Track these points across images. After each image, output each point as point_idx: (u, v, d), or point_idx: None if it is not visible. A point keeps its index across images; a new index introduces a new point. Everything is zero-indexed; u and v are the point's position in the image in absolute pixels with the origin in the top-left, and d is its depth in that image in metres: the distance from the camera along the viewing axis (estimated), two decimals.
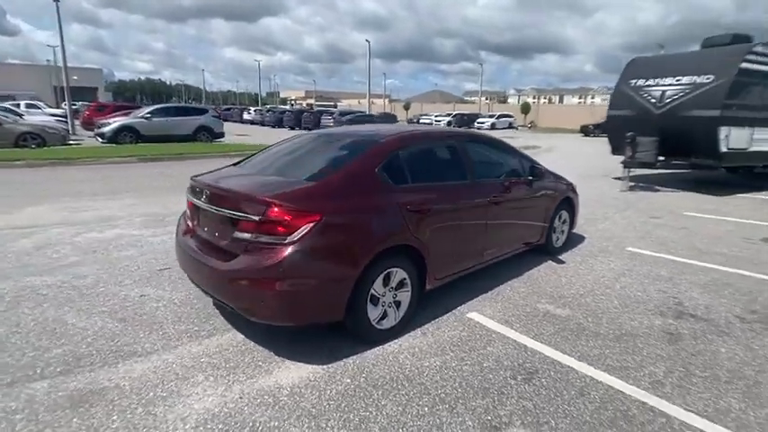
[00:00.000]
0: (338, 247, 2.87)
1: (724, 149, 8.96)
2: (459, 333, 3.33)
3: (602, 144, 13.70)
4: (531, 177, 4.60)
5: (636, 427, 2.32)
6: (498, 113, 46.07)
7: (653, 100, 9.84)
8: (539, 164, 4.84)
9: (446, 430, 2.28)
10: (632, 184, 10.20)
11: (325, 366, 2.86)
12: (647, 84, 10.09)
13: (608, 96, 14.50)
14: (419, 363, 2.92)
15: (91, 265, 4.54)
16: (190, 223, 3.49)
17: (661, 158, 9.91)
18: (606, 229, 6.59)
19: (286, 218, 2.72)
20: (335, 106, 58.99)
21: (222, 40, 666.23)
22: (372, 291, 3.02)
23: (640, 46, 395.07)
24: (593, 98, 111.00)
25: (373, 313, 3.06)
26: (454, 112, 48.22)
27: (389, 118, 37.25)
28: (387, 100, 47.67)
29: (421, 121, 48.17)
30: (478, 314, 3.63)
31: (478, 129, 41.61)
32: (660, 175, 12.00)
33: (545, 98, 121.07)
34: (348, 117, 30.10)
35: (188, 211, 3.56)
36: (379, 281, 3.05)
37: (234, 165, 4.02)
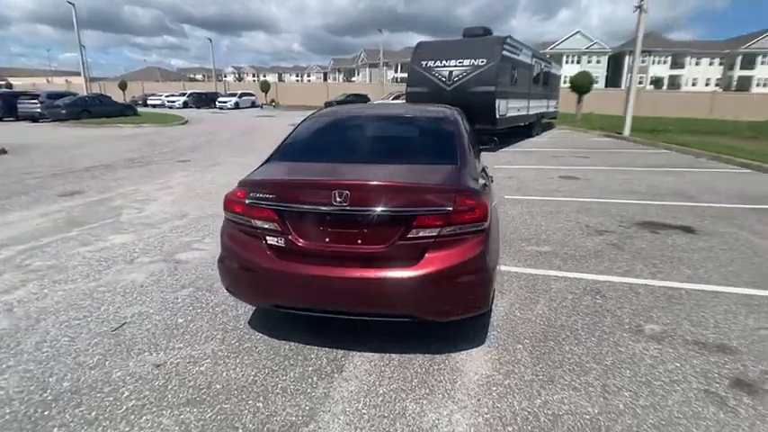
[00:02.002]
0: (495, 226, 2.80)
1: (498, 116, 11.83)
2: None
3: None
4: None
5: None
6: (240, 92, 44.28)
7: (443, 78, 11.92)
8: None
9: None
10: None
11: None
12: (436, 65, 12.09)
13: (322, 75, 16.41)
14: None
15: None
16: (300, 242, 2.48)
17: None
18: None
19: (473, 203, 2.42)
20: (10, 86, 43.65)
21: None
22: None
23: (338, 27, 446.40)
24: (309, 77, 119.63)
25: None
26: (189, 92, 43.54)
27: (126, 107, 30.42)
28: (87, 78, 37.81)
29: (149, 102, 41.45)
30: None
31: (221, 108, 39.18)
32: None
33: (265, 75, 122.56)
34: (67, 101, 23.04)
35: (285, 227, 2.50)
36: None
37: (275, 160, 3.08)
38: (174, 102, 40.37)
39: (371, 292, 2.41)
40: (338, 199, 2.35)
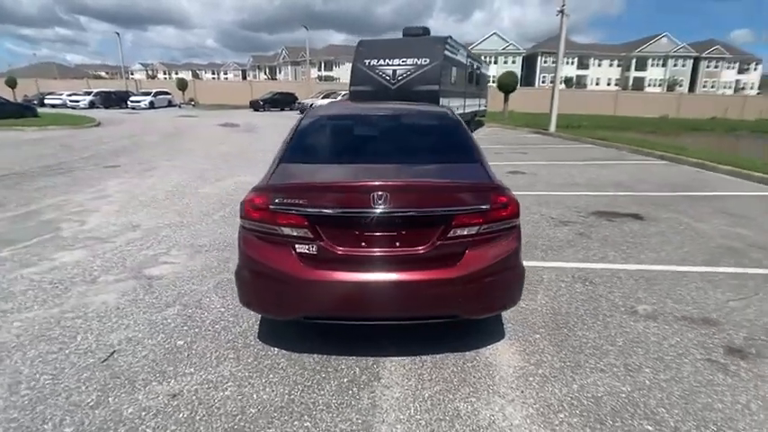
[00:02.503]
0: None
1: None
2: None
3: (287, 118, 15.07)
4: None
5: None
6: (155, 90, 40.98)
7: (387, 77, 12.00)
8: None
9: None
10: None
11: None
12: (379, 63, 12.13)
13: (240, 72, 16.19)
14: None
15: None
16: (335, 248, 2.34)
17: None
18: None
19: (506, 200, 2.46)
20: None
21: None
22: None
23: (253, 23, 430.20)
24: (226, 74, 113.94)
25: None
26: (96, 90, 39.49)
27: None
28: None
29: (48, 101, 36.94)
30: None
31: (134, 108, 36.08)
32: None
33: (177, 72, 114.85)
34: None
35: (316, 234, 2.35)
36: None
37: (286, 162, 2.85)
38: (77, 102, 36.26)
39: (414, 295, 2.36)
40: (378, 201, 2.26)
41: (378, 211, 2.27)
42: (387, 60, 12.10)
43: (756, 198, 7.05)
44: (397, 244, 2.34)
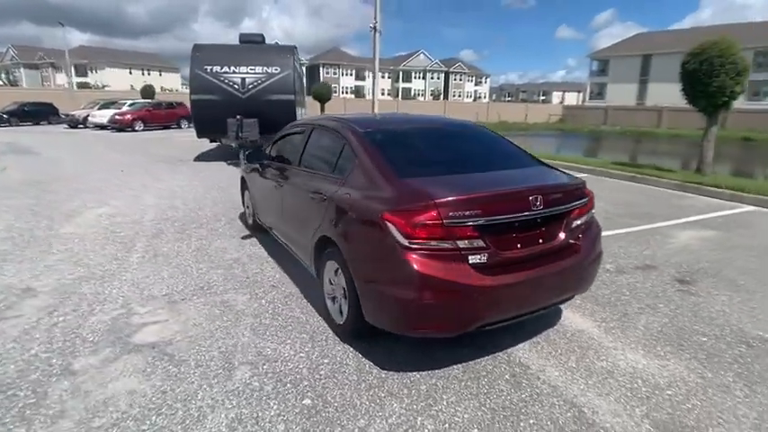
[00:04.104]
0: None
1: None
2: None
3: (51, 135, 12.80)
4: None
5: None
6: None
7: (236, 86, 11.15)
8: None
9: None
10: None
11: None
12: (224, 71, 11.15)
13: None
14: None
15: None
16: (501, 253, 2.48)
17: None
18: None
19: (591, 194, 3.01)
20: None
21: None
22: None
23: None
24: None
25: None
26: None
27: None
28: None
29: None
30: None
31: None
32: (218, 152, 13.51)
33: None
34: None
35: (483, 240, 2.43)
36: None
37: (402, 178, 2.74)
38: None
39: (556, 284, 2.68)
40: (537, 204, 2.49)
41: (535, 213, 2.51)
42: (233, 68, 11.22)
43: None
44: (540, 241, 2.62)
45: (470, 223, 2.36)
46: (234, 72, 11.21)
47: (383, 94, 79.75)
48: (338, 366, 2.70)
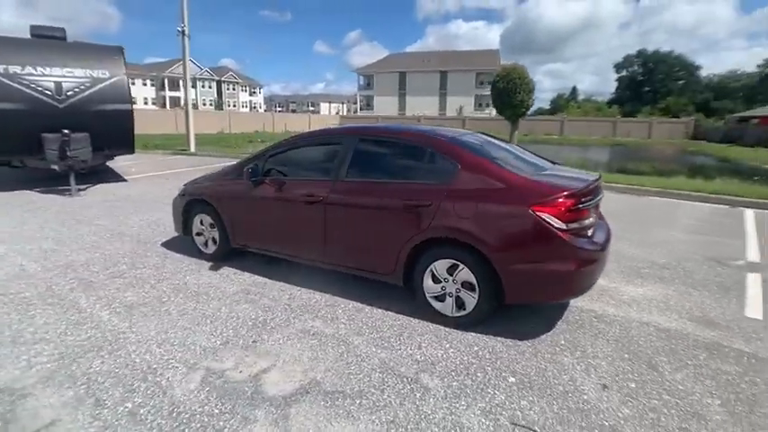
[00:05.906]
0: None
1: (133, 138, 9.97)
2: None
3: None
4: None
5: None
6: None
7: (48, 92, 8.54)
8: None
9: None
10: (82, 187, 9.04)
11: None
12: (28, 72, 8.35)
13: None
14: None
15: None
16: (589, 233, 3.29)
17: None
18: None
19: None
20: None
21: None
22: None
23: None
24: None
25: None
26: None
27: None
28: None
29: None
30: None
31: None
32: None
33: None
34: None
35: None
36: None
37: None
38: None
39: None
40: (598, 191, 3.46)
41: (597, 197, 3.43)
42: (39, 69, 8.47)
43: None
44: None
45: (582, 207, 3.13)
46: (43, 74, 8.56)
47: (145, 103, 70.40)
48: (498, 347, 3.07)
